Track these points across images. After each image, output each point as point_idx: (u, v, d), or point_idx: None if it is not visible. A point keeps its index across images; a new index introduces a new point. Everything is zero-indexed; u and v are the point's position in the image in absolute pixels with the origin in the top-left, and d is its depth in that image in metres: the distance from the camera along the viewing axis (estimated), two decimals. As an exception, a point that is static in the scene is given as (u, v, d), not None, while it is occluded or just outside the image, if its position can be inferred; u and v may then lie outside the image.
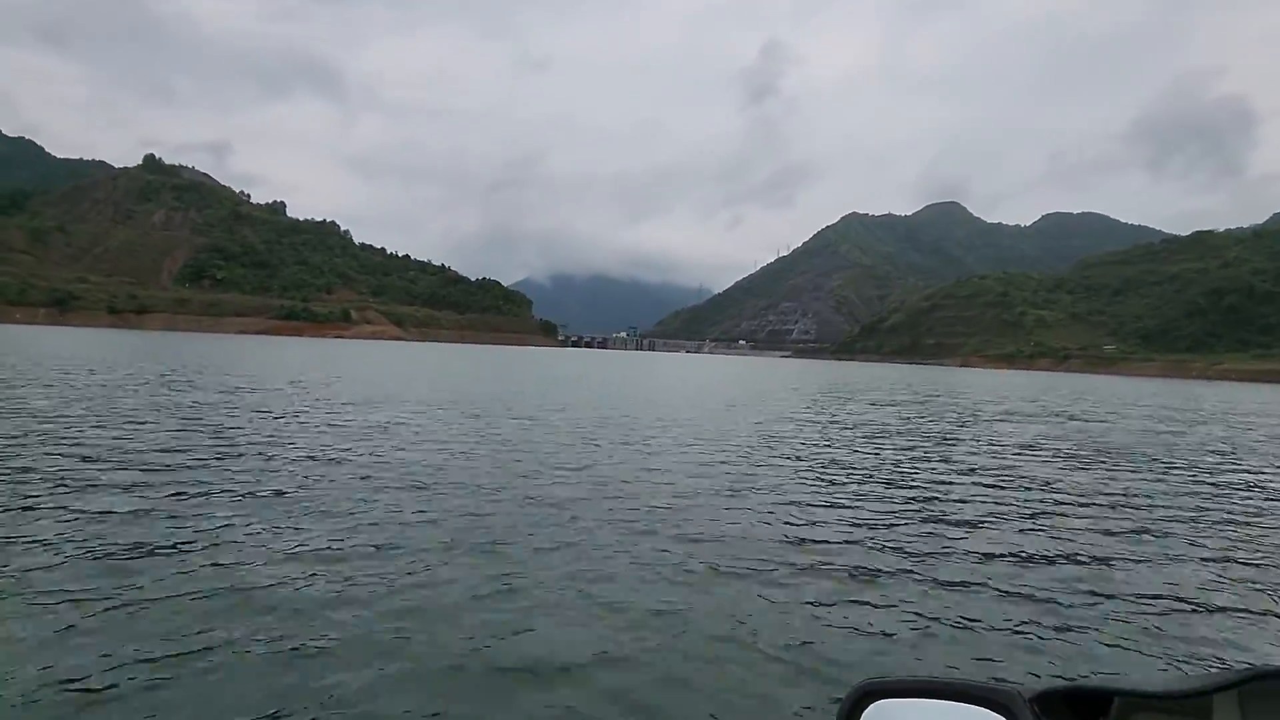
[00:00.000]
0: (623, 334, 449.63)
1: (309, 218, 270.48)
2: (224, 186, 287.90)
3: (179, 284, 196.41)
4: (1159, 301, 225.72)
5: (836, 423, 19.91)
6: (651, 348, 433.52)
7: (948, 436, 17.43)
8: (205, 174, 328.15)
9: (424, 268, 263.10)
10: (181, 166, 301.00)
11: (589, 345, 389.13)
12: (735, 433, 16.01)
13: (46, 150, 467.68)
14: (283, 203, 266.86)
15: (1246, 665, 0.73)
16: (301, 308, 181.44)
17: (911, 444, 15.46)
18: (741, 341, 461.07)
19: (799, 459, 12.43)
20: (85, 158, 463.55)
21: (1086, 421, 24.17)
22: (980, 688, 0.79)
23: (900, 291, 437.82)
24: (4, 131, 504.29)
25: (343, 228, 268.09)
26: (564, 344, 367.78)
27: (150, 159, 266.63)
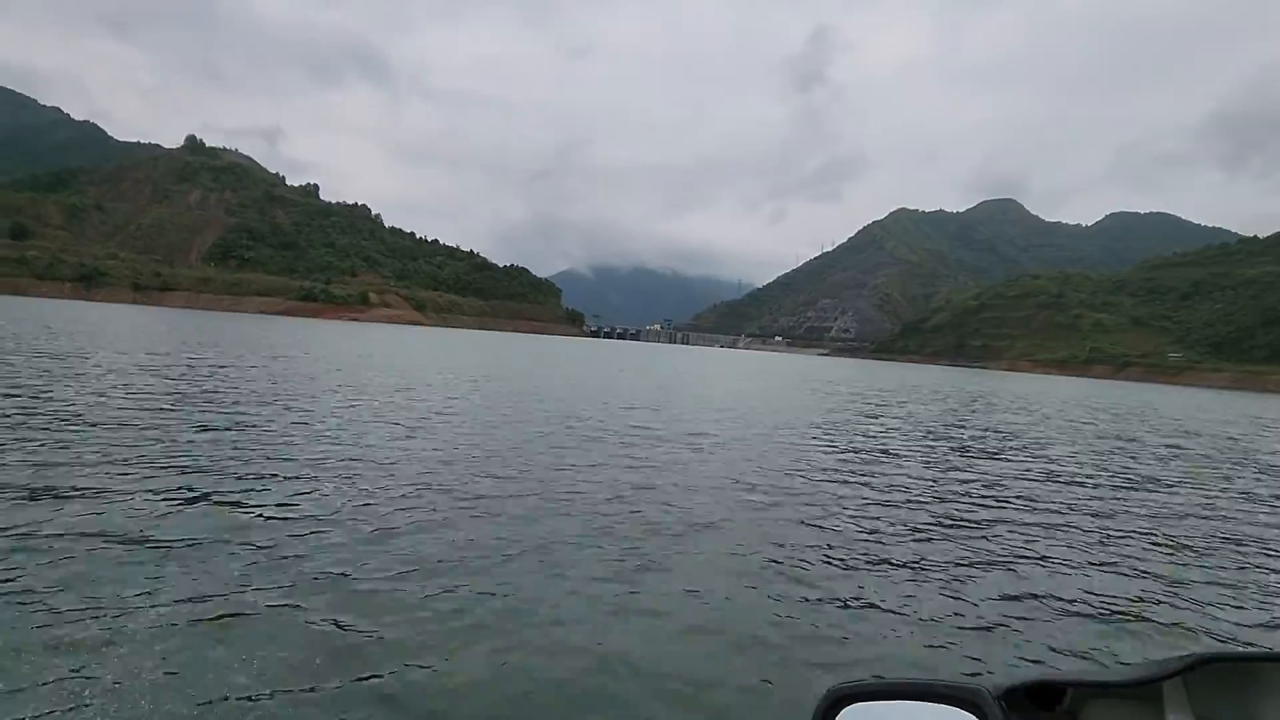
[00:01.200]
0: (656, 326, 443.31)
1: (342, 200, 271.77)
2: (261, 168, 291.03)
3: (206, 263, 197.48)
4: (1232, 307, 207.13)
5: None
6: (685, 341, 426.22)
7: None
8: (248, 157, 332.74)
9: (452, 253, 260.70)
10: (224, 149, 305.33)
11: (620, 336, 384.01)
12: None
13: (109, 134, 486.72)
14: (316, 185, 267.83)
15: (1190, 654, 0.77)
16: (321, 289, 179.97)
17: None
18: (778, 338, 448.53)
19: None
20: (143, 141, 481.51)
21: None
22: (948, 686, 0.81)
23: (948, 291, 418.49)
24: (73, 116, 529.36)
25: (375, 212, 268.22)
26: (595, 334, 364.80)
27: (192, 140, 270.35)
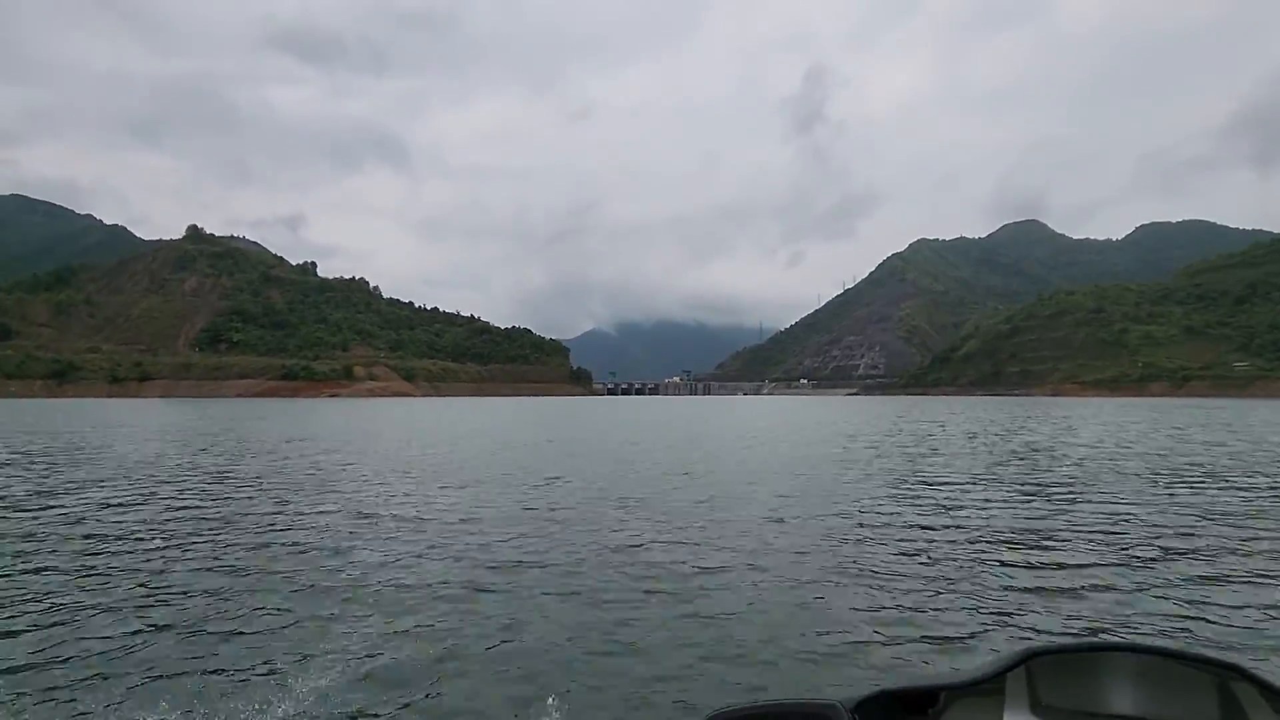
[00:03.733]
0: (676, 379, 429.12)
1: (355, 277, 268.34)
2: (265, 251, 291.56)
3: (193, 349, 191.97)
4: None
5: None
6: (708, 391, 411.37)
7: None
8: (254, 241, 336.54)
9: (451, 320, 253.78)
10: (229, 236, 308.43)
11: (639, 392, 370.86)
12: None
13: (136, 235, 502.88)
14: (314, 263, 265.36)
15: (1025, 649, 0.86)
16: (302, 367, 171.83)
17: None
18: (803, 380, 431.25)
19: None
20: (165, 238, 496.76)
21: None
22: (802, 705, 0.83)
23: (978, 317, 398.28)
24: (104, 221, 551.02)
25: (374, 285, 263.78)
26: (613, 392, 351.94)
27: (193, 229, 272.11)
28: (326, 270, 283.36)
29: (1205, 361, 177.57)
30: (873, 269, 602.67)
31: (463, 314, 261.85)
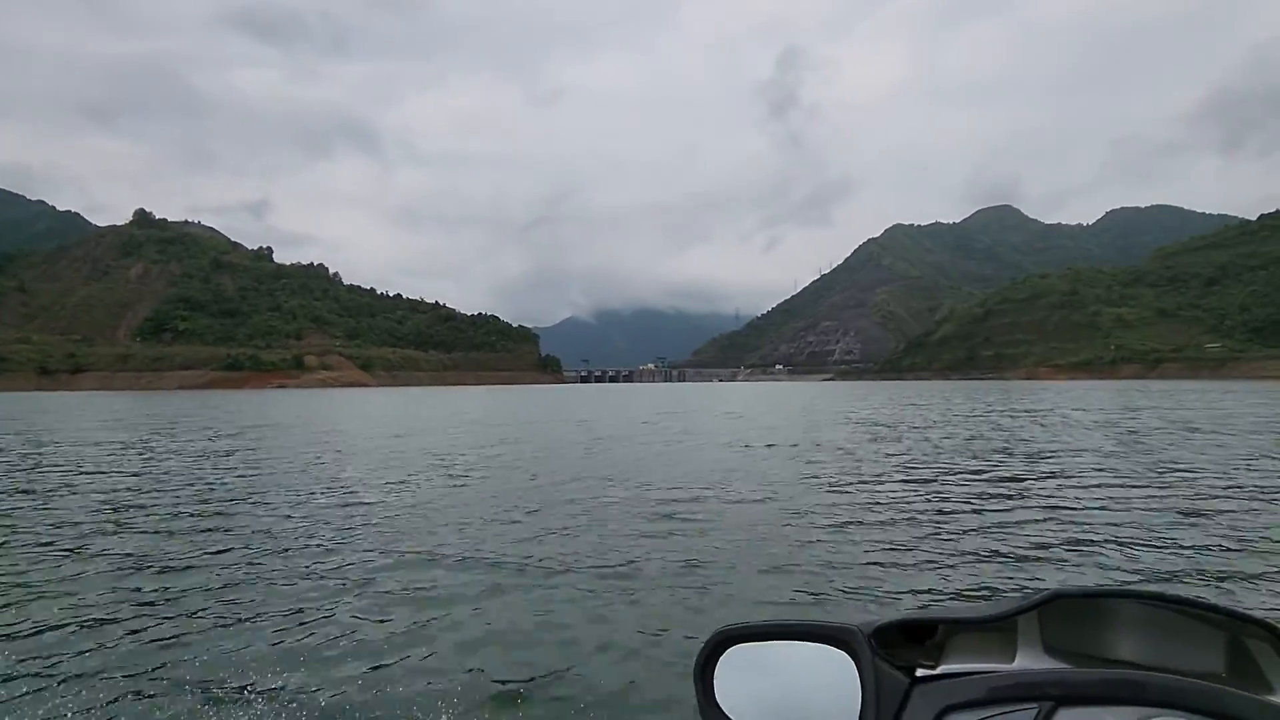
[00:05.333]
0: (650, 365, 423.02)
1: (313, 264, 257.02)
2: (221, 237, 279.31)
3: (135, 338, 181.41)
4: (1269, 287, 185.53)
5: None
6: (683, 378, 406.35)
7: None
8: (211, 228, 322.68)
9: (415, 306, 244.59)
10: (184, 222, 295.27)
11: (613, 379, 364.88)
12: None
13: (89, 221, 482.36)
14: (270, 248, 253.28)
15: (1046, 590, 0.82)
16: (248, 356, 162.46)
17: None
18: (779, 366, 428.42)
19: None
20: (117, 224, 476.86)
21: None
22: (824, 626, 0.84)
23: (953, 301, 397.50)
24: (57, 207, 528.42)
25: (333, 271, 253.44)
26: (585, 379, 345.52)
27: (141, 214, 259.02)
28: (300, 259, 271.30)
29: (1177, 344, 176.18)
30: (849, 255, 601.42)
31: (427, 301, 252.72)
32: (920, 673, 0.83)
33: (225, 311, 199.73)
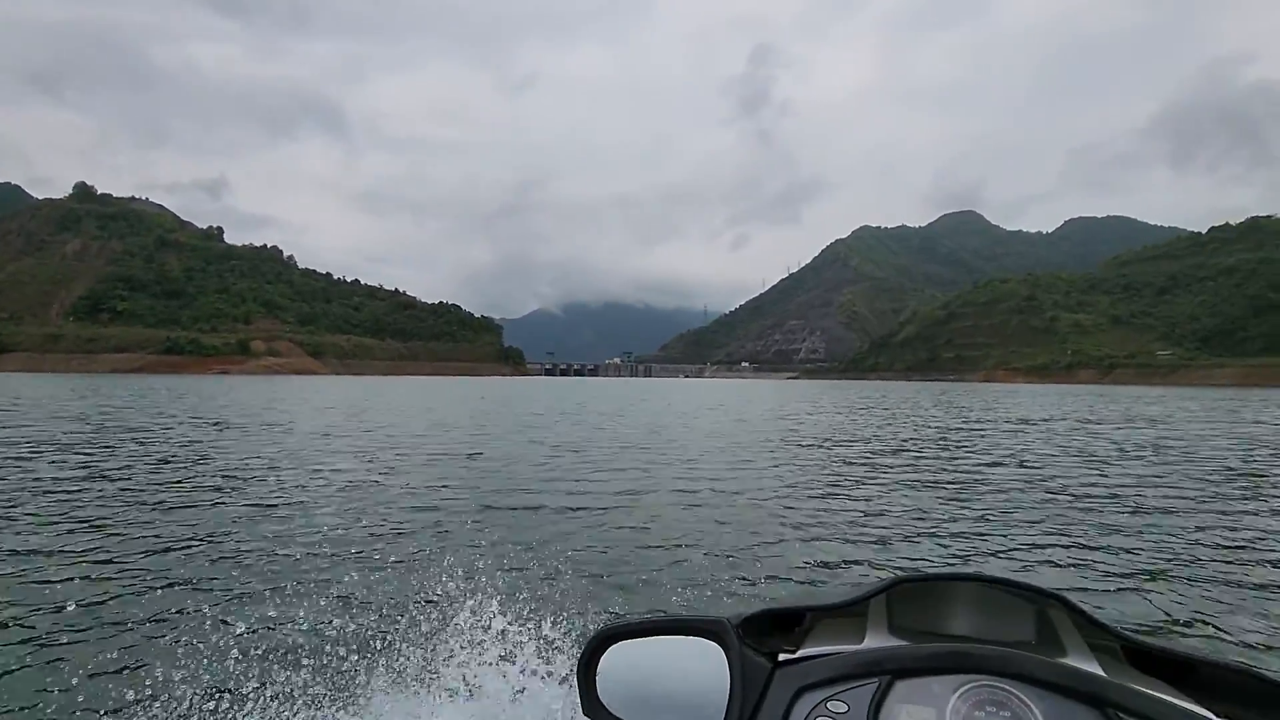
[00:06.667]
0: (616, 360, 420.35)
1: (250, 243, 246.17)
2: (169, 214, 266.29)
3: (68, 318, 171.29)
4: (1216, 298, 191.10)
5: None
6: (649, 373, 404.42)
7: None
8: (160, 205, 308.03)
9: (373, 293, 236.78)
10: (130, 198, 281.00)
11: (578, 373, 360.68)
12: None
13: (28, 193, 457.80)
14: (220, 228, 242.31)
15: (892, 577, 0.95)
16: (189, 340, 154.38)
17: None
18: (744, 364, 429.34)
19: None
20: (56, 197, 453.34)
21: None
22: (695, 620, 0.92)
23: (916, 303, 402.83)
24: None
25: (288, 254, 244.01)
26: (550, 372, 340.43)
27: (81, 187, 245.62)
28: (257, 242, 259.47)
29: (1130, 350, 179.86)
30: (816, 255, 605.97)
31: (386, 288, 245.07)
32: (782, 658, 0.91)
33: (169, 293, 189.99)
